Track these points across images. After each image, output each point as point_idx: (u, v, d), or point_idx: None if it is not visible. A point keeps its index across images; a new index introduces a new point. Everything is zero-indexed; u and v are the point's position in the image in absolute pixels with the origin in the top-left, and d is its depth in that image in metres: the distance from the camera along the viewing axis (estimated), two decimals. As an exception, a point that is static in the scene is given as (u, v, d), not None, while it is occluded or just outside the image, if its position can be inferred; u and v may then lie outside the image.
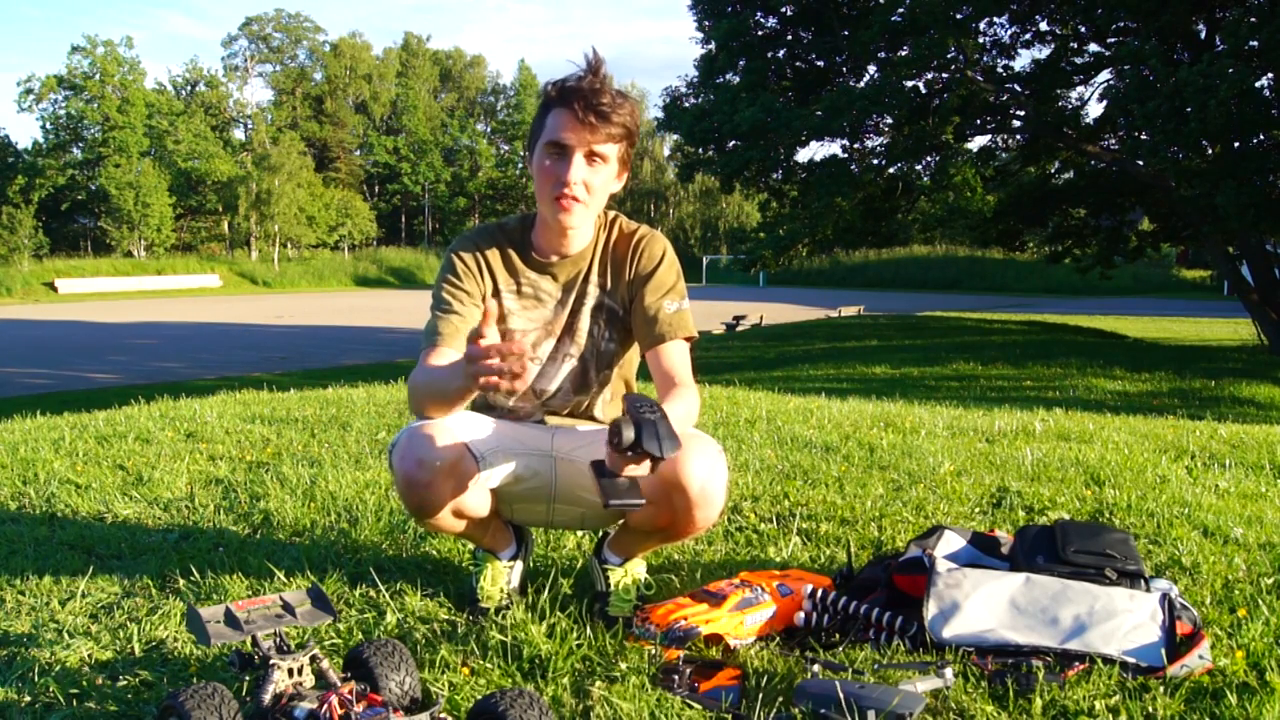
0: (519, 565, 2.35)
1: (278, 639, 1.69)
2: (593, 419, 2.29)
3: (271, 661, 1.63)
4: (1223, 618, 2.12)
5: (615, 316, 2.21)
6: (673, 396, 2.06)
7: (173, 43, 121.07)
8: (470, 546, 2.59)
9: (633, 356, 2.30)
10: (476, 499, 2.13)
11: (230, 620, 1.67)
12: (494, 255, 2.19)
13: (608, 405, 2.28)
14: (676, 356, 2.13)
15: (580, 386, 2.25)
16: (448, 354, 2.07)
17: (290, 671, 1.63)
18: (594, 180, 2.06)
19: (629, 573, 2.24)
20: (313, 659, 1.66)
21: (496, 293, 2.18)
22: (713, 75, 17.37)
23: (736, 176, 17.26)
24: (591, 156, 2.04)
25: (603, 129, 2.01)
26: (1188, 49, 14.08)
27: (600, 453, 1.81)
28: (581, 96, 2.01)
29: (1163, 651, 1.86)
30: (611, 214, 2.25)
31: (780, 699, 1.78)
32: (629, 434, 1.69)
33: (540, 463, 2.19)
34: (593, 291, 2.20)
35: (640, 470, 1.74)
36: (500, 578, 2.28)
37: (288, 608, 1.74)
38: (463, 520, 2.16)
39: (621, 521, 2.25)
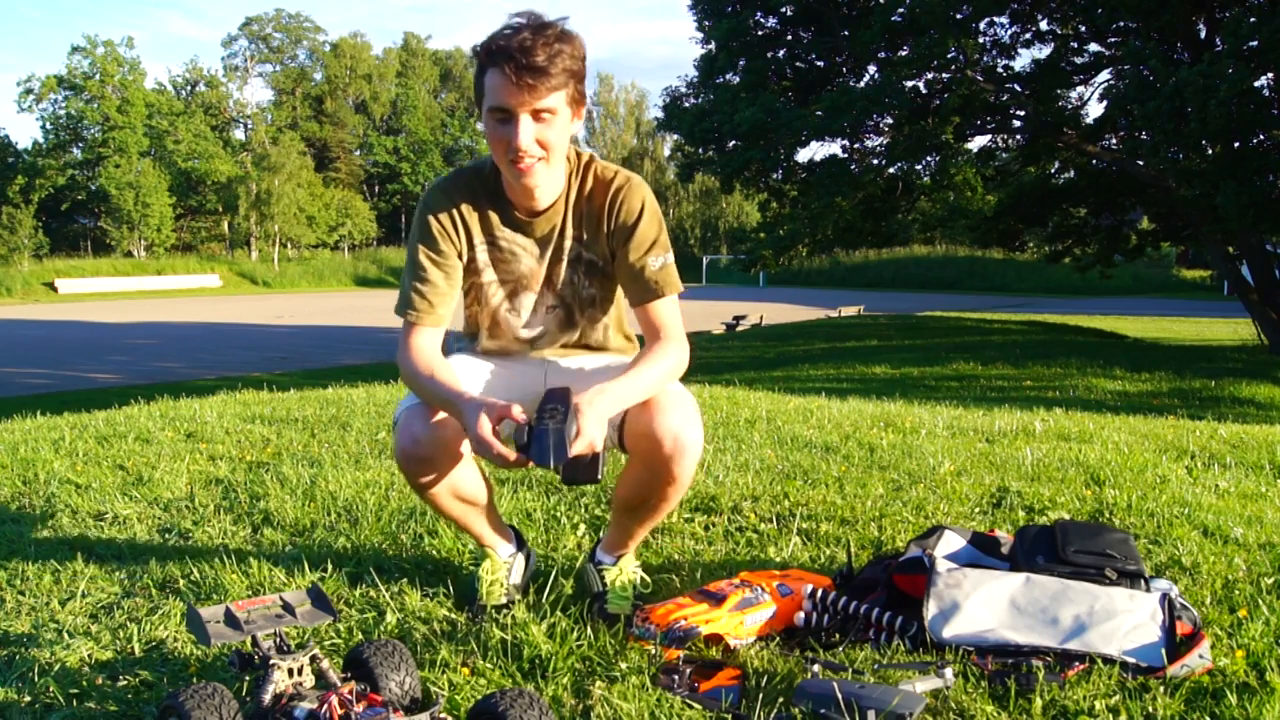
0: (519, 563, 2.35)
1: (278, 639, 1.69)
2: (587, 348, 2.27)
3: (271, 662, 1.62)
4: (1223, 618, 2.12)
5: (595, 267, 2.15)
6: (658, 350, 2.06)
7: (173, 43, 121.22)
8: (471, 546, 2.59)
9: (621, 294, 2.24)
10: (473, 479, 2.18)
11: (230, 620, 1.66)
12: (469, 210, 2.09)
13: (608, 330, 2.26)
14: (664, 312, 2.10)
15: (565, 327, 2.22)
16: (429, 335, 2.08)
17: (290, 672, 1.62)
18: (548, 135, 1.94)
19: (624, 571, 2.26)
20: (313, 659, 1.66)
21: (471, 247, 2.11)
22: (713, 75, 17.37)
23: (736, 176, 17.25)
24: (537, 114, 1.92)
25: (542, 85, 1.88)
26: (1188, 49, 14.07)
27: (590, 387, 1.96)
28: (510, 58, 1.87)
29: (1163, 651, 1.86)
30: (586, 156, 2.12)
31: (780, 699, 1.78)
32: (522, 440, 1.76)
33: (534, 404, 2.22)
34: (569, 244, 2.13)
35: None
36: (499, 571, 2.29)
37: (288, 608, 1.74)
38: (461, 502, 2.18)
39: (610, 520, 2.28)
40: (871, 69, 17.08)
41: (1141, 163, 14.90)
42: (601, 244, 2.12)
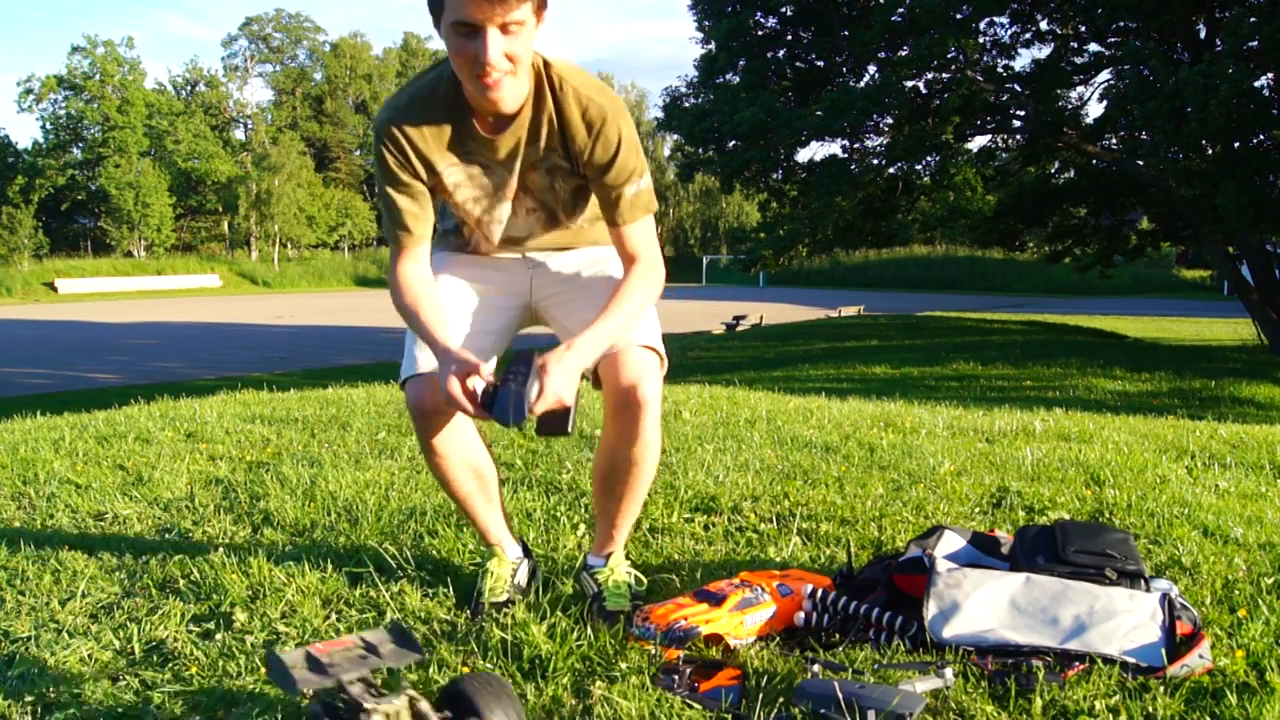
0: (524, 568, 2.35)
1: (366, 683, 1.54)
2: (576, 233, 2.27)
3: (367, 707, 1.47)
4: (1223, 618, 2.11)
5: (573, 173, 2.09)
6: (630, 281, 2.08)
7: (173, 43, 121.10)
8: (471, 546, 2.59)
9: None
10: (483, 452, 2.24)
11: (313, 665, 1.52)
12: (424, 138, 2.01)
13: (594, 216, 2.24)
14: (637, 235, 2.10)
15: (550, 226, 2.21)
16: (413, 260, 2.09)
17: (387, 716, 1.48)
18: (515, 48, 1.85)
19: (614, 570, 2.26)
20: (410, 701, 1.52)
21: (434, 172, 2.06)
22: (713, 75, 17.38)
23: (736, 176, 17.26)
24: (505, 27, 1.82)
25: None
26: (1188, 49, 14.08)
27: (572, 308, 2.17)
28: None
29: (1163, 651, 1.86)
30: (557, 69, 1.99)
31: (780, 699, 1.78)
32: (487, 399, 1.88)
33: (520, 315, 2.29)
34: (542, 155, 2.05)
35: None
36: (505, 568, 2.29)
37: (370, 648, 1.60)
38: (473, 476, 2.21)
39: (595, 516, 2.34)
40: (871, 69, 17.09)
41: (1141, 163, 14.90)
42: (577, 161, 2.07)
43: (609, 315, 2.03)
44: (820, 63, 17.71)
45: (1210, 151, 13.10)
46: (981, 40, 16.53)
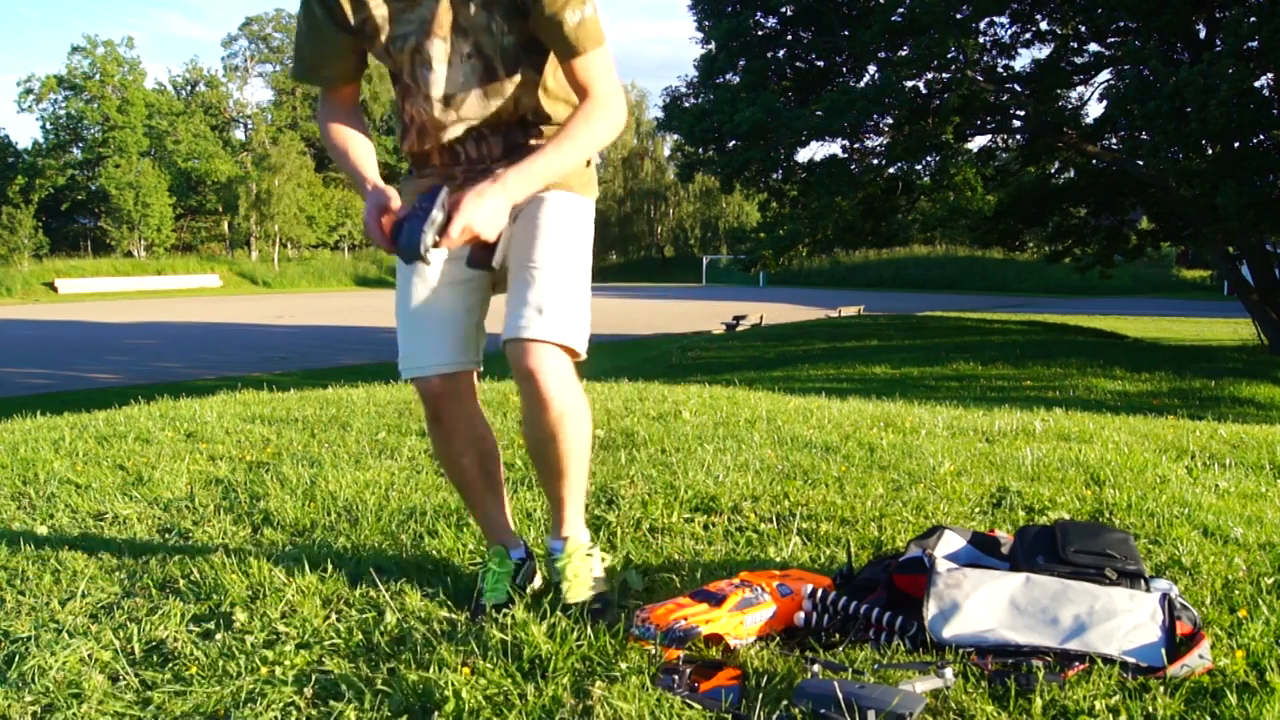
0: (525, 572, 2.34)
1: None
2: (523, 121, 2.14)
3: None
4: (1223, 618, 2.11)
5: (513, 9, 1.99)
6: (577, 118, 2.02)
7: (173, 43, 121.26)
8: (470, 546, 2.59)
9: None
10: (490, 438, 2.27)
11: None
12: None
13: (544, 97, 2.12)
14: (587, 69, 2.01)
15: (486, 80, 2.07)
16: (338, 101, 2.16)
17: None
18: None
19: (572, 556, 2.22)
20: None
21: (363, 6, 2.00)
22: (713, 75, 17.39)
23: (736, 176, 17.28)
24: None
25: None
26: (1188, 49, 14.09)
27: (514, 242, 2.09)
28: None
29: (1163, 651, 1.86)
30: None
31: (780, 699, 1.78)
32: (397, 232, 1.94)
33: (485, 277, 2.23)
34: None
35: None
36: (508, 567, 2.28)
37: None
38: (479, 457, 2.23)
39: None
40: (871, 69, 17.11)
41: (1141, 163, 14.92)
42: None
43: (547, 151, 1.97)
44: (820, 63, 17.72)
45: (1210, 151, 13.11)
46: (981, 40, 16.56)
